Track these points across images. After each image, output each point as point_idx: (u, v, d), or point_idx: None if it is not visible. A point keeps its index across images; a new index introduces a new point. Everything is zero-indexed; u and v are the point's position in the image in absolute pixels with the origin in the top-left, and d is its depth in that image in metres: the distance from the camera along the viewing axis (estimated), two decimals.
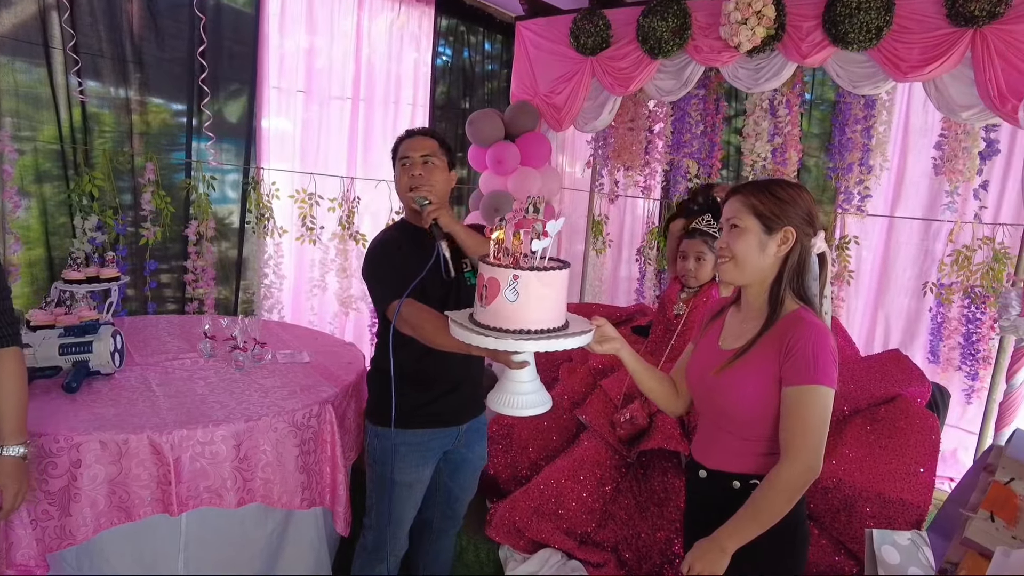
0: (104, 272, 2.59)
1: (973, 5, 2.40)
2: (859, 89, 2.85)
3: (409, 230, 1.90)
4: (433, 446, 1.91)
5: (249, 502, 1.89)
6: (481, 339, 1.28)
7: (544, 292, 1.27)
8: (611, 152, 4.14)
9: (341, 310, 3.89)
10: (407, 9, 3.99)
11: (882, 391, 2.40)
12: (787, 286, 1.40)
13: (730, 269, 1.43)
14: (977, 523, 1.18)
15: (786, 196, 1.39)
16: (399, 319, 1.68)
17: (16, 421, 1.52)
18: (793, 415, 1.33)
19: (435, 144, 1.89)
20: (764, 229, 1.39)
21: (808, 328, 1.35)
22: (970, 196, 3.26)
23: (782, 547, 1.42)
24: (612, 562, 2.24)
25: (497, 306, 1.27)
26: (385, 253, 1.84)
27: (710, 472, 1.48)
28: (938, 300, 3.39)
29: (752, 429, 1.40)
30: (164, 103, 3.15)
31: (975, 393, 3.31)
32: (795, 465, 1.31)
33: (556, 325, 1.31)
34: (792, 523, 1.39)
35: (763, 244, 1.39)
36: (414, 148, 1.87)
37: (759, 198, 1.40)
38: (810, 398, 1.31)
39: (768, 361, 1.37)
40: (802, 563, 1.47)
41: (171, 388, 2.07)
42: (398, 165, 1.90)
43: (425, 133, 1.93)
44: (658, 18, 3.09)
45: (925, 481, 2.09)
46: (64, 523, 1.70)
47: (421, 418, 1.85)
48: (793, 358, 1.33)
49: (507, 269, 1.25)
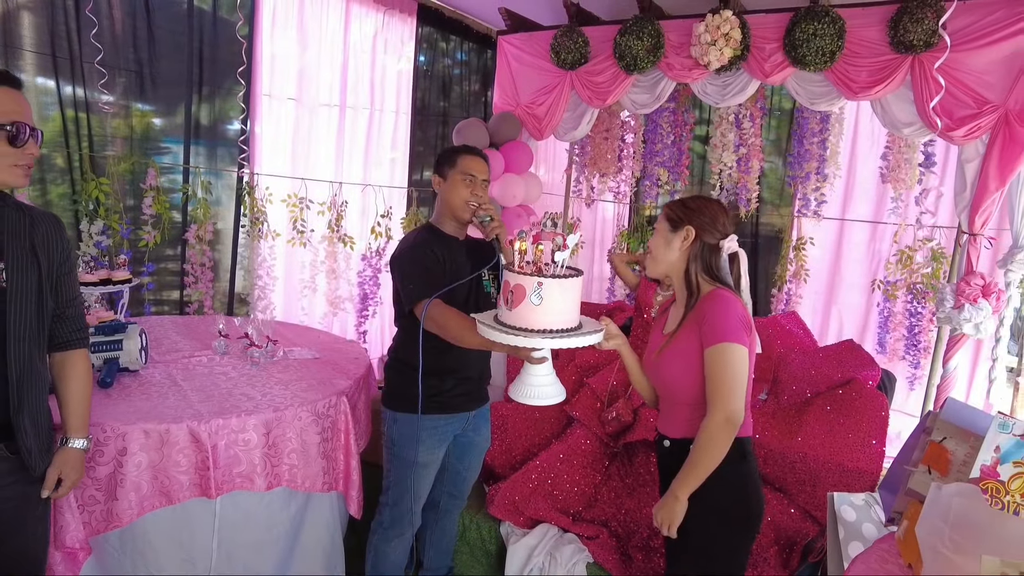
0: (116, 275, 2.69)
1: (912, 35, 2.71)
2: (816, 105, 3.14)
3: (438, 234, 2.07)
4: (448, 431, 2.11)
5: (276, 486, 2.05)
6: (512, 338, 1.48)
7: (563, 296, 1.49)
8: (588, 160, 4.40)
9: (330, 310, 4.03)
10: (390, 19, 4.15)
11: (839, 376, 2.71)
12: (696, 273, 1.69)
13: (648, 261, 1.78)
14: (918, 476, 1.44)
15: (693, 205, 1.72)
16: (427, 318, 1.86)
17: (83, 417, 1.64)
18: (710, 373, 1.59)
19: (488, 169, 2.09)
20: (670, 228, 1.71)
21: (717, 299, 1.63)
22: (912, 202, 3.61)
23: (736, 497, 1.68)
24: (604, 534, 2.47)
25: (523, 309, 1.48)
26: (419, 254, 1.99)
27: (672, 441, 1.74)
28: (885, 296, 3.74)
29: (694, 397, 1.66)
30: (162, 109, 3.26)
31: (917, 380, 3.66)
32: (715, 416, 1.56)
33: (573, 325, 1.53)
34: (743, 474, 1.66)
35: (668, 240, 1.72)
36: (480, 170, 2.06)
37: (672, 207, 1.75)
38: (720, 355, 1.57)
39: (692, 335, 1.65)
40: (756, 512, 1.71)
41: (196, 383, 2.21)
42: (456, 176, 2.05)
43: (484, 156, 2.11)
44: (634, 37, 3.33)
45: (877, 451, 2.40)
46: (110, 507, 1.83)
47: (438, 405, 2.04)
48: (705, 325, 1.61)
49: (532, 277, 1.46)
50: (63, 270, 1.57)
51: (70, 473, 1.62)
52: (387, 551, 2.21)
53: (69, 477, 1.62)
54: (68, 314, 1.61)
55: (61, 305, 1.59)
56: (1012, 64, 2.61)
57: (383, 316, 4.32)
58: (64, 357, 1.63)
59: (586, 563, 2.37)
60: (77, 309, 1.65)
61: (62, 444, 1.62)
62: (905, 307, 3.68)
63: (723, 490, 1.64)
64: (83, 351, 1.66)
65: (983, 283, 2.79)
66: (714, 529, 1.67)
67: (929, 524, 1.17)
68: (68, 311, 1.61)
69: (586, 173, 4.51)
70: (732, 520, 1.68)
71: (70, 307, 1.62)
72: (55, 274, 1.55)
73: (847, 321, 4.07)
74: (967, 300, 2.79)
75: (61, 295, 1.59)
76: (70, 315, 1.62)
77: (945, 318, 2.87)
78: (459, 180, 2.05)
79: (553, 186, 4.86)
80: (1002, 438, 1.21)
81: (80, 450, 1.64)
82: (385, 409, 2.14)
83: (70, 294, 1.61)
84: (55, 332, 1.60)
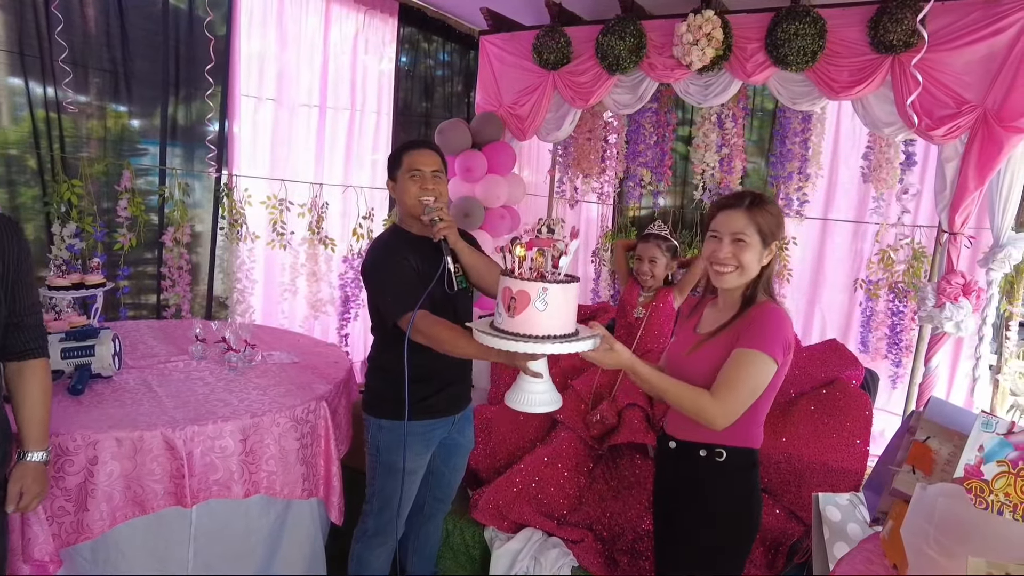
0: (89, 278, 2.63)
1: (891, 35, 2.72)
2: (798, 105, 3.15)
3: (406, 236, 2.01)
4: (434, 435, 2.08)
5: (254, 493, 2.01)
6: (518, 344, 1.45)
7: (565, 301, 1.47)
8: (571, 160, 4.38)
9: (311, 313, 3.98)
10: (370, 19, 4.11)
11: (823, 375, 2.71)
12: (758, 286, 1.63)
13: (734, 278, 1.62)
14: (902, 476, 1.43)
15: (776, 213, 1.62)
16: (414, 330, 1.81)
17: (41, 429, 1.58)
18: (732, 368, 1.53)
19: (439, 159, 1.99)
20: (762, 243, 1.60)
21: (771, 312, 1.59)
22: (893, 201, 3.63)
23: (742, 506, 1.66)
24: (589, 538, 2.45)
25: (527, 315, 1.45)
26: (392, 264, 1.93)
27: (679, 443, 1.71)
28: (867, 295, 3.75)
29: None
30: (137, 110, 3.20)
31: (899, 379, 3.68)
32: (718, 407, 1.51)
33: (572, 331, 1.51)
34: (750, 485, 1.65)
35: (760, 257, 1.61)
36: (425, 162, 1.96)
37: (763, 217, 1.60)
38: (747, 359, 1.53)
39: (732, 340, 1.59)
40: (757, 521, 1.70)
41: (171, 388, 2.16)
42: (405, 176, 1.97)
43: (433, 147, 2.01)
44: (616, 37, 3.32)
45: (861, 451, 2.40)
46: (81, 518, 1.78)
47: (425, 409, 2.00)
48: (750, 329, 1.56)
49: (537, 283, 1.44)
50: (18, 276, 1.50)
51: (31, 487, 1.56)
52: (370, 559, 2.17)
53: (31, 491, 1.56)
54: (26, 323, 1.55)
55: (18, 313, 1.52)
56: (989, 64, 2.63)
57: (365, 319, 4.27)
58: (21, 367, 1.56)
59: (571, 567, 2.35)
60: (36, 318, 1.58)
61: (20, 458, 1.57)
62: (887, 306, 3.69)
63: (730, 499, 1.64)
64: (42, 360, 1.60)
65: (963, 282, 2.81)
66: (719, 536, 1.66)
67: (914, 525, 1.16)
68: (27, 319, 1.55)
69: (569, 174, 4.50)
70: (738, 528, 1.68)
71: (29, 315, 1.55)
72: (9, 280, 1.49)
73: (830, 320, 4.08)
74: (948, 299, 2.80)
75: (17, 303, 1.51)
76: (28, 324, 1.55)
77: (927, 317, 2.88)
78: (407, 178, 1.97)
79: (537, 187, 4.84)
80: (985, 437, 1.20)
81: (39, 463, 1.58)
82: (368, 416, 2.10)
83: (27, 301, 1.54)
84: (11, 342, 1.54)
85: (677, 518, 1.73)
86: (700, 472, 1.66)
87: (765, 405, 1.63)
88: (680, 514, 1.72)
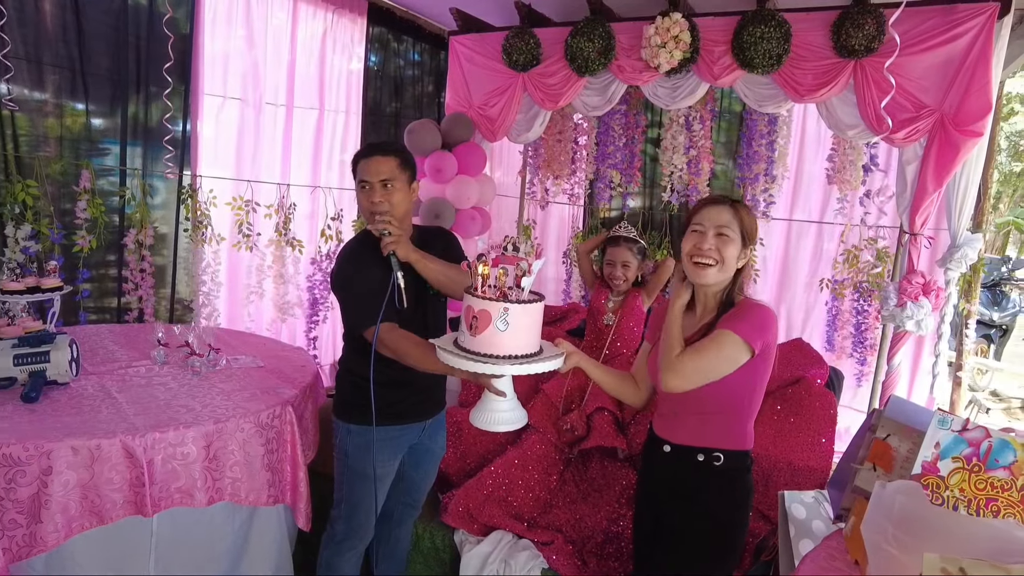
0: (45, 282, 2.55)
1: (854, 40, 2.77)
2: (764, 108, 3.20)
3: (373, 244, 1.92)
4: (403, 440, 2.05)
5: (218, 500, 1.96)
6: (478, 365, 1.43)
7: (528, 321, 1.45)
8: (541, 162, 4.39)
9: (278, 316, 3.92)
10: (339, 18, 4.07)
11: (788, 374, 2.75)
12: (737, 290, 1.66)
13: (714, 273, 1.62)
14: (863, 473, 1.46)
15: (754, 218, 1.66)
16: (380, 343, 1.78)
17: None
18: (706, 340, 1.58)
19: (394, 163, 1.88)
20: (742, 243, 1.63)
21: (755, 303, 1.62)
22: (857, 202, 3.70)
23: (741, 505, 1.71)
24: (559, 540, 2.45)
25: (488, 335, 1.43)
26: (355, 275, 1.89)
27: (674, 447, 1.71)
28: (832, 295, 3.82)
29: (711, 404, 1.64)
30: (97, 109, 3.11)
31: (864, 377, 3.76)
32: (676, 362, 1.58)
33: (535, 350, 1.50)
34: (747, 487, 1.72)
35: (738, 256, 1.63)
36: (372, 172, 1.86)
37: (745, 215, 1.63)
38: (724, 338, 1.56)
39: None
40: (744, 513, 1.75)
41: (132, 394, 2.10)
42: (357, 186, 1.91)
43: (385, 151, 1.90)
44: (585, 39, 3.34)
45: (826, 449, 2.44)
46: (34, 531, 1.72)
47: (393, 415, 1.97)
48: (732, 315, 1.59)
49: (498, 303, 1.41)
50: None
51: None
52: (340, 564, 2.14)
53: None
54: None
55: None
56: (947, 70, 2.70)
57: (334, 321, 4.22)
58: None
59: (541, 569, 2.35)
60: None
61: None
62: (852, 305, 3.77)
63: (730, 502, 1.66)
64: None
65: (923, 281, 2.88)
66: (718, 539, 1.69)
67: (874, 522, 1.18)
68: None
69: (540, 175, 4.50)
70: (735, 531, 1.71)
71: None
72: None
73: (796, 320, 4.15)
74: (909, 298, 2.86)
75: None
76: None
77: (889, 316, 2.94)
78: (358, 189, 1.91)
79: (507, 188, 4.83)
80: (941, 434, 1.23)
81: None
82: (337, 420, 2.07)
83: None
84: None
85: (668, 521, 1.74)
86: (698, 476, 1.68)
87: (757, 403, 1.67)
88: (672, 517, 1.73)
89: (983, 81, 2.62)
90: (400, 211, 1.91)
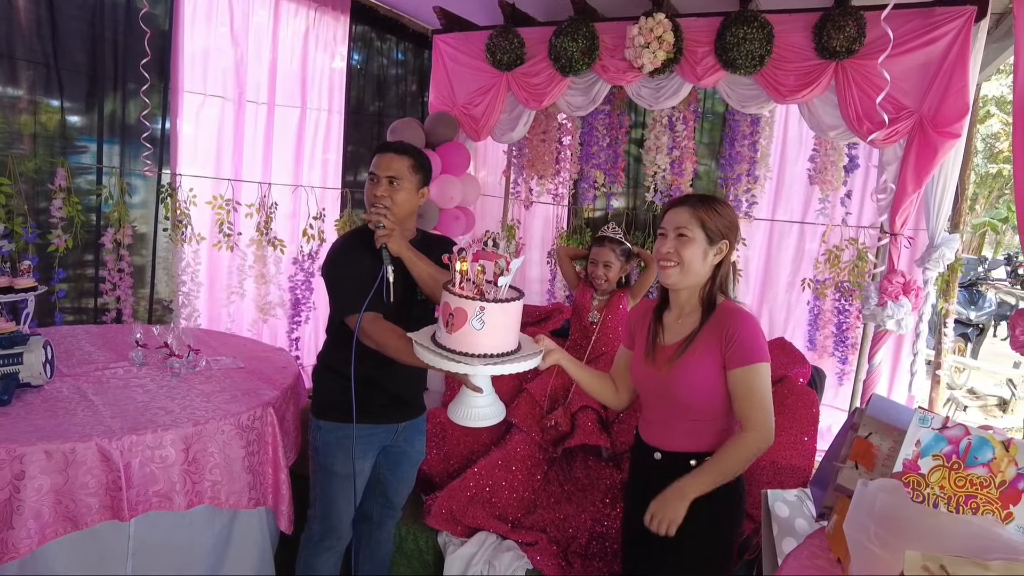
0: (19, 282, 2.49)
1: (835, 42, 2.79)
2: (746, 108, 3.21)
3: (369, 237, 1.93)
4: (373, 440, 2.03)
5: (198, 504, 1.93)
6: (452, 364, 1.41)
7: (505, 320, 1.43)
8: (526, 162, 4.38)
9: (259, 317, 3.87)
10: (322, 16, 4.03)
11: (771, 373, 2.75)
12: (715, 288, 1.65)
13: (675, 274, 1.63)
14: (846, 472, 1.46)
15: (725, 214, 1.64)
16: (362, 332, 1.77)
17: None
18: (746, 392, 1.59)
19: (406, 164, 1.90)
20: (707, 240, 1.61)
21: (741, 316, 1.62)
22: (838, 203, 3.74)
23: (738, 506, 1.72)
24: (543, 540, 2.44)
25: (464, 333, 1.41)
26: (347, 261, 1.90)
27: (665, 454, 1.70)
28: (814, 294, 3.86)
29: (703, 412, 1.64)
30: (73, 106, 3.05)
31: (846, 375, 3.79)
32: (758, 433, 1.59)
33: (513, 348, 1.48)
34: (743, 487, 1.71)
35: (705, 253, 1.62)
36: (383, 167, 1.90)
37: (707, 213, 1.62)
38: (755, 374, 1.58)
39: (711, 349, 1.60)
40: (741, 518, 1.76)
41: (109, 397, 2.06)
42: (368, 178, 1.94)
43: (399, 150, 1.93)
44: (569, 38, 3.33)
45: (808, 448, 2.46)
46: (6, 537, 1.68)
47: (364, 414, 1.94)
48: (734, 344, 1.58)
49: (475, 301, 1.39)
50: None
51: None
52: (318, 565, 2.12)
53: None
54: None
55: None
56: (926, 72, 2.73)
57: (317, 321, 4.18)
58: None
59: (525, 569, 2.34)
60: None
61: None
62: (834, 305, 3.80)
63: (727, 505, 1.66)
64: None
65: (903, 281, 2.91)
66: (720, 539, 1.69)
67: (856, 520, 1.18)
68: None
69: (524, 175, 4.50)
70: (732, 530, 1.72)
71: None
72: None
73: (778, 319, 4.18)
74: (889, 297, 2.89)
75: None
76: None
77: (870, 315, 2.97)
78: (367, 182, 1.94)
79: (492, 188, 4.82)
80: (922, 432, 1.24)
81: None
82: (312, 417, 2.05)
83: None
84: None
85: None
86: None
87: None
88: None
89: (961, 83, 2.65)
90: (402, 210, 1.92)
